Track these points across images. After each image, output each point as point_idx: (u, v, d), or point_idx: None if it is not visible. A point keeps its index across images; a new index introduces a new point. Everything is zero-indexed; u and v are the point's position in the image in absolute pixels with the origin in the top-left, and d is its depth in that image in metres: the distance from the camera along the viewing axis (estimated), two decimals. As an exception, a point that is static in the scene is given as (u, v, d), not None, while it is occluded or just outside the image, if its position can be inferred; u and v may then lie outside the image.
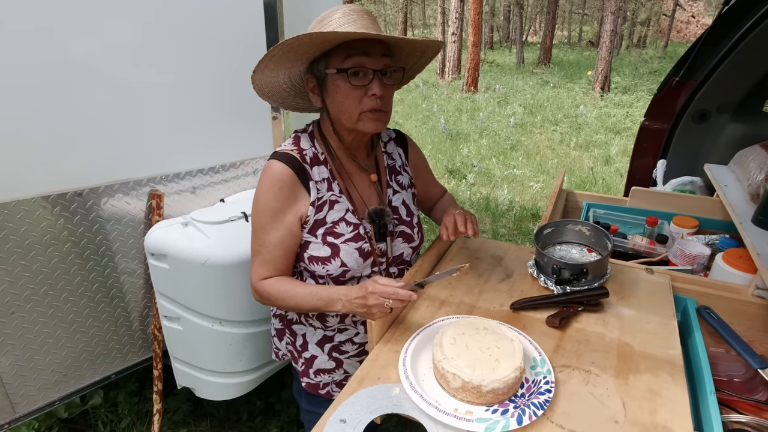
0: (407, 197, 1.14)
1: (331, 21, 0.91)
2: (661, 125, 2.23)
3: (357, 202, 1.04)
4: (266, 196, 0.97)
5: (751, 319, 1.08)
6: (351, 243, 1.01)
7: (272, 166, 0.97)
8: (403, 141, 1.19)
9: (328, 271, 1.00)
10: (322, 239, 1.00)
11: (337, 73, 0.91)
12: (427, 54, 1.01)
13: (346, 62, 0.90)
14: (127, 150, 1.45)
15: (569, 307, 1.00)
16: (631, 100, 9.86)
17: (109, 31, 1.31)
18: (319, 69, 0.94)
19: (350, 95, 0.92)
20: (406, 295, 0.83)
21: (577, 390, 0.79)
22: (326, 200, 1.00)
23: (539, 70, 15.34)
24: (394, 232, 1.09)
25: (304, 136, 1.04)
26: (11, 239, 1.28)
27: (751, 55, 1.94)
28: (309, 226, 1.00)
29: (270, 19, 1.64)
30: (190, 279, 1.40)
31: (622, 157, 6.04)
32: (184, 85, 1.51)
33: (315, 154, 1.01)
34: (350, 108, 0.93)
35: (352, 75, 0.90)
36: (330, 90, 0.94)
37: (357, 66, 0.90)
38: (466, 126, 7.83)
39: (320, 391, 1.17)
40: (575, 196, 1.86)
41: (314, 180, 0.99)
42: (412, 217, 1.13)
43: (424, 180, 1.25)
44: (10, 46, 1.17)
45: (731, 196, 1.42)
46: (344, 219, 1.01)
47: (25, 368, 1.41)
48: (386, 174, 1.12)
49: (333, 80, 0.92)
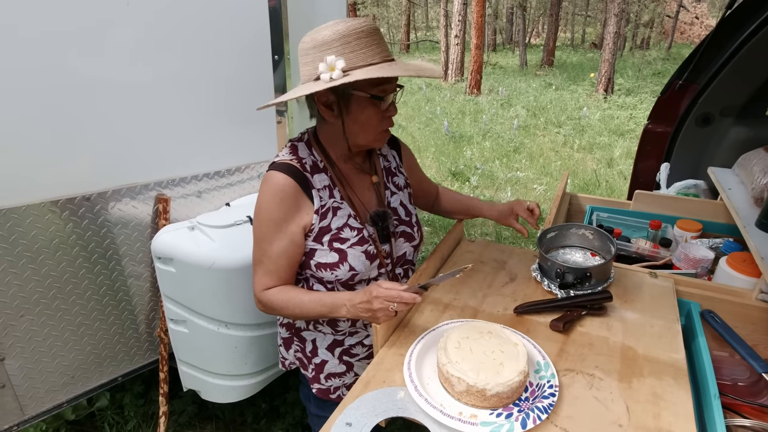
0: (404, 198, 1.16)
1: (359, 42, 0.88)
2: (665, 128, 2.23)
3: (358, 207, 1.05)
4: (268, 206, 0.98)
5: (756, 323, 1.08)
6: (357, 247, 1.02)
7: (273, 176, 0.98)
8: (396, 143, 1.21)
9: (337, 277, 1.01)
10: (329, 246, 1.01)
11: (369, 97, 0.93)
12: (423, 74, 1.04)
13: (377, 88, 0.92)
14: (135, 154, 1.47)
15: (573, 311, 1.00)
16: (635, 102, 9.83)
17: (116, 37, 1.33)
18: (346, 89, 0.92)
19: (375, 117, 0.96)
20: (410, 298, 0.84)
21: (581, 394, 0.80)
22: (329, 207, 1.01)
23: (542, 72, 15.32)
24: (396, 233, 1.10)
25: (301, 145, 1.04)
26: (21, 243, 1.30)
27: (755, 59, 1.94)
28: (314, 234, 1.00)
29: (275, 24, 1.66)
30: (196, 282, 1.41)
31: (626, 159, 6.03)
32: (190, 90, 1.53)
33: (314, 162, 1.02)
34: (373, 128, 0.98)
35: (382, 101, 0.94)
36: (353, 109, 0.95)
37: (384, 93, 0.93)
38: (469, 128, 7.83)
39: (331, 396, 1.17)
40: (578, 200, 1.86)
41: (316, 188, 1.00)
42: (411, 216, 1.15)
43: (418, 178, 1.27)
44: (19, 51, 1.19)
45: (735, 200, 1.43)
46: (348, 224, 1.02)
47: (33, 370, 1.42)
48: (383, 176, 1.13)
49: (359, 101, 0.93)
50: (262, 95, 1.71)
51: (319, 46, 0.89)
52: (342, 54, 0.88)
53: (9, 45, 1.17)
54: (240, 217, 1.51)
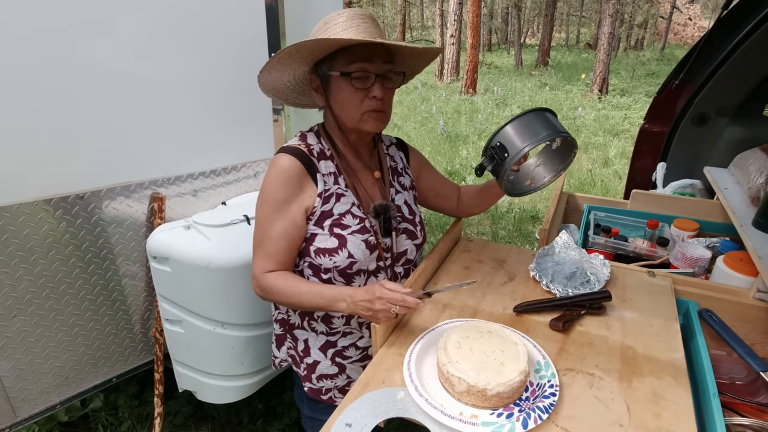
0: (408, 198, 1.16)
1: (336, 25, 0.93)
2: (661, 128, 2.24)
3: (362, 197, 1.06)
4: (272, 186, 0.98)
5: (753, 322, 1.09)
6: (358, 235, 1.01)
7: (279, 159, 0.99)
8: (404, 146, 1.23)
9: (335, 263, 1.01)
10: (329, 230, 1.00)
11: (341, 75, 0.94)
12: (426, 58, 1.05)
13: (350, 66, 0.93)
14: (129, 153, 1.45)
15: (572, 311, 1.00)
16: (629, 102, 9.89)
17: (109, 33, 1.31)
18: (323, 70, 0.97)
19: (352, 97, 0.96)
20: (413, 303, 0.84)
21: (581, 393, 0.80)
22: (333, 192, 1.02)
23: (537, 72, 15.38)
24: (398, 229, 1.10)
25: (310, 134, 1.06)
26: (13, 242, 1.28)
27: (750, 59, 1.95)
28: (315, 217, 1.00)
29: (271, 22, 1.65)
30: (192, 282, 1.40)
31: (621, 159, 6.06)
32: (185, 88, 1.51)
33: (322, 149, 1.04)
34: (352, 109, 0.97)
35: (355, 78, 0.94)
36: (333, 90, 0.98)
37: (360, 71, 0.93)
38: (465, 128, 7.84)
39: (322, 397, 1.16)
40: (576, 199, 1.86)
41: (322, 173, 1.01)
42: (414, 216, 1.15)
43: (436, 179, 1.26)
44: (12, 48, 1.17)
45: (731, 199, 1.43)
46: (350, 212, 1.03)
47: (26, 371, 1.40)
48: (389, 174, 1.14)
49: (336, 82, 0.96)
50: (257, 93, 1.68)
51: (321, 26, 0.96)
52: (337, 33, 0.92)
53: (1, 41, 1.15)
54: (236, 216, 1.50)
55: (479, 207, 1.28)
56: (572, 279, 1.12)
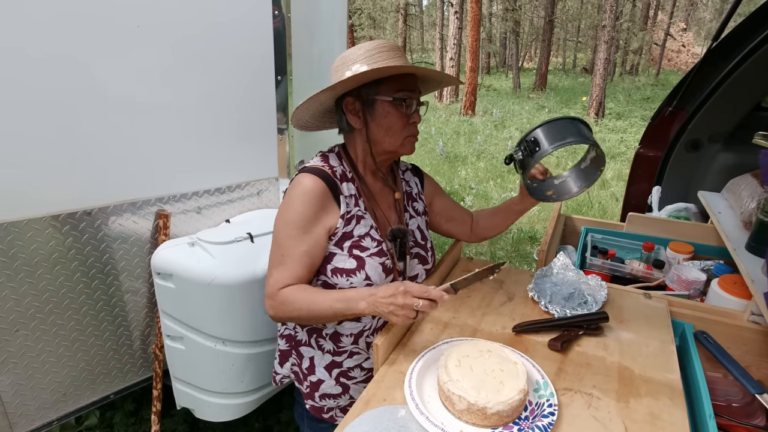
0: (421, 223, 1.20)
1: (381, 54, 0.99)
2: (656, 153, 2.29)
3: (380, 220, 1.09)
4: (296, 206, 0.99)
5: (748, 344, 1.11)
6: (376, 257, 1.04)
7: (303, 179, 1.01)
8: (419, 172, 1.27)
9: (352, 284, 1.02)
10: (349, 251, 1.03)
11: (393, 101, 1.00)
12: (439, 86, 1.16)
13: (399, 93, 1.00)
14: (136, 170, 1.48)
15: (570, 331, 1.02)
16: (625, 126, 10.04)
17: (118, 54, 1.35)
18: (369, 94, 1.00)
19: (399, 122, 1.02)
20: (437, 295, 0.86)
21: (579, 413, 0.81)
22: (354, 215, 1.05)
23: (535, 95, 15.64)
24: (411, 253, 1.13)
25: (332, 155, 1.09)
26: (20, 257, 1.30)
27: (740, 88, 2.02)
28: (336, 238, 1.03)
29: (279, 44, 1.70)
30: (195, 298, 1.41)
31: (618, 181, 6.13)
32: (191, 107, 1.55)
33: (343, 171, 1.07)
34: (396, 133, 1.04)
35: (406, 105, 1.01)
36: (378, 115, 1.02)
37: (407, 97, 1.01)
38: (463, 149, 7.94)
39: (324, 415, 1.17)
40: (573, 221, 1.90)
41: (344, 195, 1.04)
42: (426, 241, 1.19)
43: (449, 204, 1.30)
44: (23, 67, 1.21)
45: (725, 223, 1.47)
46: (369, 234, 1.05)
47: (25, 387, 1.40)
48: (404, 199, 1.18)
49: (384, 107, 1.01)
50: (263, 113, 1.75)
51: (347, 61, 0.99)
52: (366, 64, 0.97)
53: (14, 62, 1.19)
54: (240, 234, 1.52)
55: (497, 228, 1.29)
56: (570, 300, 1.14)
